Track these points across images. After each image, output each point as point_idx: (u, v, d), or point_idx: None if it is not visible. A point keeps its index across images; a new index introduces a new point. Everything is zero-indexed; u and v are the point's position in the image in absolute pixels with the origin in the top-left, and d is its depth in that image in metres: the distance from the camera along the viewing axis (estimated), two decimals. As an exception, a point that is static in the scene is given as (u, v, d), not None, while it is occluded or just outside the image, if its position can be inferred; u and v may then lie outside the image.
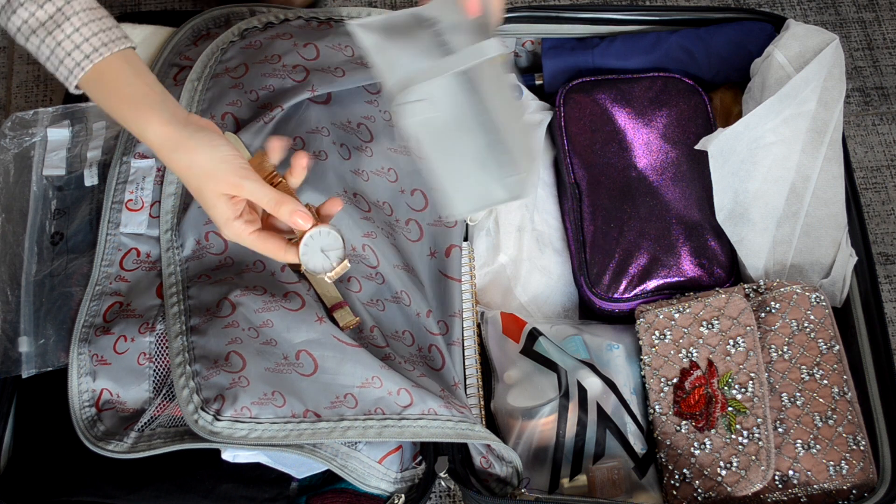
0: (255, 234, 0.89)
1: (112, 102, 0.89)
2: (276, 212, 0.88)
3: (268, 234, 0.90)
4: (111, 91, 0.88)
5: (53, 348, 1.03)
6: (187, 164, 0.87)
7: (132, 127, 0.88)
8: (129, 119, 0.88)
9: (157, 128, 0.87)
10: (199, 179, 0.88)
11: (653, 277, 1.15)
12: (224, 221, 0.88)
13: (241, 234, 0.89)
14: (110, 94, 0.88)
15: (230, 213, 0.88)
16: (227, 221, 0.88)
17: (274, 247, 0.90)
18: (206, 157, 0.87)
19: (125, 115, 0.88)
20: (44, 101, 1.48)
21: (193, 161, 0.87)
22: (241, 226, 0.89)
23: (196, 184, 0.88)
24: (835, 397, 1.05)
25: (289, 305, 1.00)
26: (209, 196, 0.88)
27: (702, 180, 1.18)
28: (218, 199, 0.88)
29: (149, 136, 0.88)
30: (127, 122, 0.89)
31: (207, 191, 0.87)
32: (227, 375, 0.94)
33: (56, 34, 0.86)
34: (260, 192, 0.87)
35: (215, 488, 0.99)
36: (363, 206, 1.10)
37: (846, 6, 1.59)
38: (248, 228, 0.89)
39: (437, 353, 1.07)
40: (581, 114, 1.24)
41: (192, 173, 0.88)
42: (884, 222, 1.43)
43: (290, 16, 1.23)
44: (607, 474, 1.06)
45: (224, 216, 0.88)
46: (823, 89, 1.16)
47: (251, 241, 0.89)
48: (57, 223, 1.11)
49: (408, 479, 1.04)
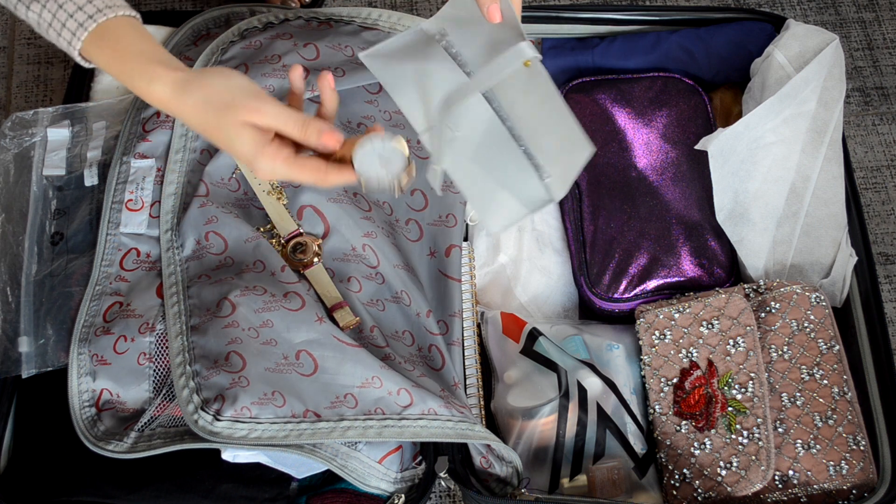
0: (292, 161, 0.82)
1: (117, 59, 0.85)
2: (303, 134, 0.82)
3: (305, 158, 0.83)
4: (116, 48, 0.84)
5: (53, 348, 1.03)
6: (203, 99, 0.82)
7: (138, 81, 0.84)
8: (135, 73, 0.84)
9: (167, 75, 0.83)
10: (218, 113, 0.81)
11: (653, 277, 1.15)
12: (255, 151, 0.81)
13: (276, 161, 0.82)
14: (115, 52, 0.85)
15: (262, 140, 0.81)
16: (259, 150, 0.81)
17: (315, 170, 0.83)
18: (221, 87, 0.82)
19: (132, 70, 0.84)
20: (44, 101, 1.48)
21: (208, 95, 0.82)
22: (275, 151, 0.82)
23: (215, 121, 0.82)
24: (835, 397, 1.05)
25: (289, 305, 1.00)
26: (231, 127, 0.81)
27: (702, 180, 1.18)
28: (242, 129, 0.81)
29: (156, 87, 0.83)
30: (133, 77, 0.84)
31: (229, 122, 0.81)
32: (227, 375, 0.94)
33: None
34: (284, 113, 0.81)
35: (215, 488, 0.99)
36: (363, 205, 1.10)
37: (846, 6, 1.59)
38: (281, 153, 0.82)
39: (437, 352, 1.07)
40: (581, 114, 1.24)
41: (209, 109, 0.82)
42: (884, 222, 1.43)
43: (290, 16, 1.23)
44: (607, 474, 1.06)
45: (253, 144, 0.81)
46: (823, 89, 1.16)
47: (287, 168, 0.82)
48: (57, 223, 1.11)
49: (408, 479, 1.04)
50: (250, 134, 0.81)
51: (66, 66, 1.51)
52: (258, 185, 1.10)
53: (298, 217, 1.08)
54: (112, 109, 1.17)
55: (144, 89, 0.84)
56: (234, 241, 1.05)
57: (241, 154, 0.83)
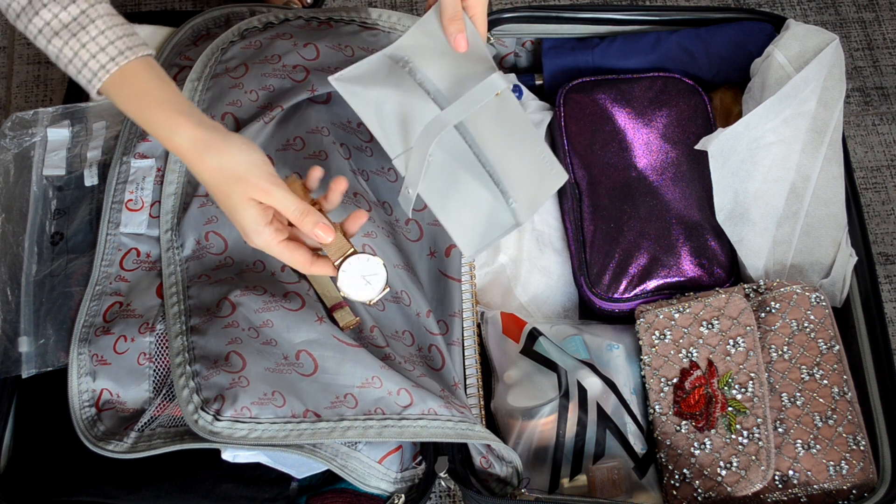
0: (284, 244, 0.89)
1: (137, 106, 0.88)
2: (300, 222, 0.88)
3: (295, 244, 0.90)
4: (137, 94, 0.87)
5: (53, 348, 1.03)
6: (217, 165, 0.86)
7: (160, 130, 0.87)
8: (157, 122, 0.87)
9: (188, 130, 0.86)
10: (229, 183, 0.87)
11: (653, 277, 1.15)
12: (254, 227, 0.88)
13: (271, 242, 0.89)
14: (136, 98, 0.87)
15: (261, 219, 0.88)
16: (258, 227, 0.88)
17: (302, 258, 0.90)
18: (238, 160, 0.86)
19: (154, 118, 0.87)
20: (44, 101, 1.48)
21: (224, 163, 0.86)
22: (272, 233, 0.88)
23: (225, 188, 0.87)
24: (835, 397, 1.05)
25: (289, 305, 1.00)
26: (238, 200, 0.87)
27: (702, 180, 1.18)
28: (248, 204, 0.87)
29: (178, 139, 0.87)
30: (155, 125, 0.87)
31: (237, 195, 0.87)
32: (227, 375, 0.94)
33: (80, 36, 0.86)
34: (288, 200, 0.87)
35: (215, 488, 0.99)
36: (364, 205, 1.10)
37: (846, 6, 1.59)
38: (277, 237, 0.89)
39: (436, 352, 1.07)
40: (581, 114, 1.24)
41: (221, 176, 0.87)
42: (884, 222, 1.43)
43: (290, 16, 1.23)
44: (607, 474, 1.06)
45: (254, 222, 0.88)
46: (823, 89, 1.16)
47: (280, 250, 0.89)
48: (57, 223, 1.11)
49: (408, 479, 1.04)
50: (254, 210, 0.87)
51: (66, 66, 1.51)
52: None
53: (298, 217, 1.08)
54: (112, 109, 1.17)
55: (166, 138, 0.88)
56: (234, 241, 1.05)
57: (241, 226, 0.89)
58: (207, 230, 1.06)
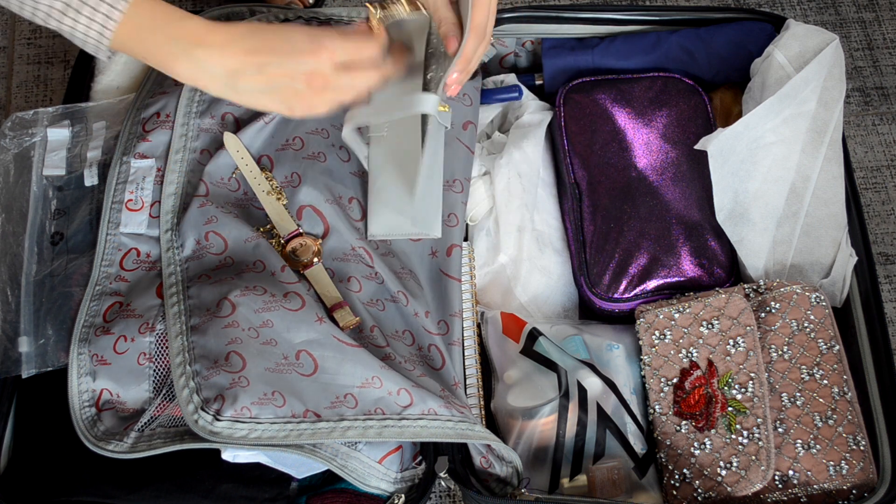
0: (344, 34, 0.92)
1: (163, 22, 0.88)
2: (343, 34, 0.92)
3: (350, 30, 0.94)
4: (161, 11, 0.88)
5: (53, 348, 1.03)
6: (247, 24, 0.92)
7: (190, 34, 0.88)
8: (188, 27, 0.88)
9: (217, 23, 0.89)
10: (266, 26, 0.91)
11: (653, 277, 1.15)
12: (316, 35, 0.90)
13: (335, 38, 0.90)
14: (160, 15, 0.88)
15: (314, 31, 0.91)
16: (317, 35, 0.90)
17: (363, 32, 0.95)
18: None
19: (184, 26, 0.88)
20: (44, 101, 1.48)
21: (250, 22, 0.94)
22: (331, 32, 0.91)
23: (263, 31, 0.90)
24: (835, 397, 1.05)
25: (289, 305, 1.00)
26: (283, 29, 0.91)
27: (702, 180, 1.18)
28: (296, 28, 0.91)
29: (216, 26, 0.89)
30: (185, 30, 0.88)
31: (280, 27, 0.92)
32: (227, 375, 0.94)
33: None
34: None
35: (215, 488, 0.99)
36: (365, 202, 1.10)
37: (846, 6, 1.59)
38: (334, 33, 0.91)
39: (436, 352, 1.07)
40: (581, 114, 1.24)
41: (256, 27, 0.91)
42: (884, 222, 1.43)
43: (289, 16, 1.23)
44: (607, 474, 1.06)
45: (311, 32, 0.90)
46: (823, 89, 1.16)
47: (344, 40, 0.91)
48: (57, 223, 1.11)
49: (408, 479, 1.04)
50: (304, 27, 0.90)
51: (66, 66, 1.51)
52: (258, 186, 1.10)
53: (298, 217, 1.08)
54: (112, 109, 1.17)
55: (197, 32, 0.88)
56: (233, 240, 1.05)
57: (301, 39, 0.89)
58: (207, 230, 1.06)
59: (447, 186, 1.16)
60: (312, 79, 0.89)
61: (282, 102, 0.91)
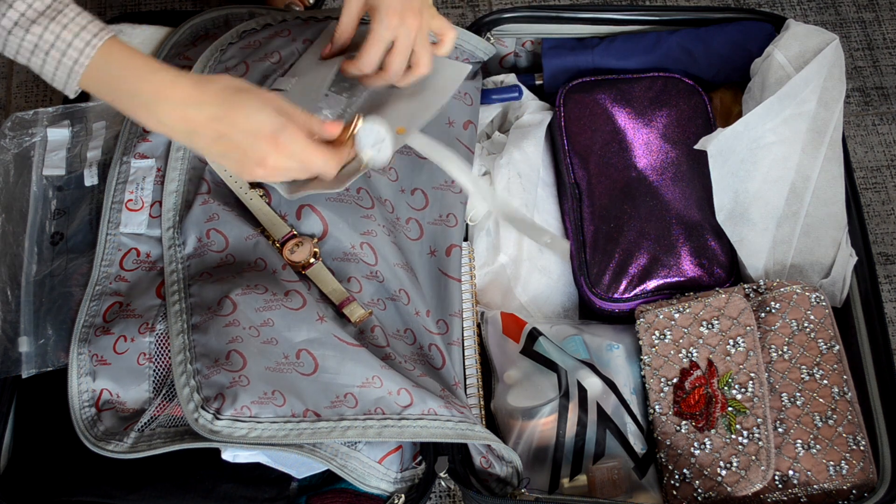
0: (310, 139, 0.91)
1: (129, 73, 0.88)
2: (308, 122, 0.92)
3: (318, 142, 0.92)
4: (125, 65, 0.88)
5: (53, 348, 1.03)
6: (225, 85, 0.89)
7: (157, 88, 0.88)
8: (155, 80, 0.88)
9: (184, 74, 0.89)
10: (241, 92, 0.89)
11: (653, 277, 1.15)
12: (280, 123, 0.89)
13: (297, 136, 0.90)
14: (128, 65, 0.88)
15: (282, 115, 0.89)
16: (283, 123, 0.89)
17: (325, 148, 0.92)
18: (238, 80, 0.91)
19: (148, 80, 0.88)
20: (44, 101, 1.48)
21: (230, 82, 0.89)
22: (295, 127, 0.90)
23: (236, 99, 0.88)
24: (835, 397, 1.05)
25: (290, 304, 1.00)
26: (255, 103, 0.89)
27: (702, 180, 1.18)
28: (265, 105, 0.89)
29: (180, 81, 0.88)
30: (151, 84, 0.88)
31: (252, 99, 0.88)
32: (228, 374, 0.94)
33: (59, 19, 0.85)
34: (293, 105, 0.91)
35: (215, 488, 0.99)
36: (365, 202, 1.10)
37: (846, 6, 1.59)
38: (301, 131, 0.90)
39: (436, 352, 1.07)
40: (581, 114, 1.24)
41: (231, 90, 0.89)
42: (884, 222, 1.43)
43: (288, 17, 1.23)
44: (607, 474, 1.06)
45: (277, 117, 0.89)
46: (823, 89, 1.16)
47: (305, 145, 0.91)
48: (57, 223, 1.11)
49: (408, 479, 1.04)
50: (274, 109, 0.89)
51: (66, 67, 1.50)
52: (234, 183, 1.09)
53: (297, 217, 1.08)
54: (112, 109, 1.17)
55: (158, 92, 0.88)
56: (234, 238, 1.05)
57: (264, 126, 0.89)
58: (208, 227, 1.06)
59: (447, 186, 1.16)
60: (264, 162, 0.91)
61: (234, 167, 0.93)
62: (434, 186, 1.15)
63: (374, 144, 0.96)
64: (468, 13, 1.61)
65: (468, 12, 1.61)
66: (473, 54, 1.25)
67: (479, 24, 1.27)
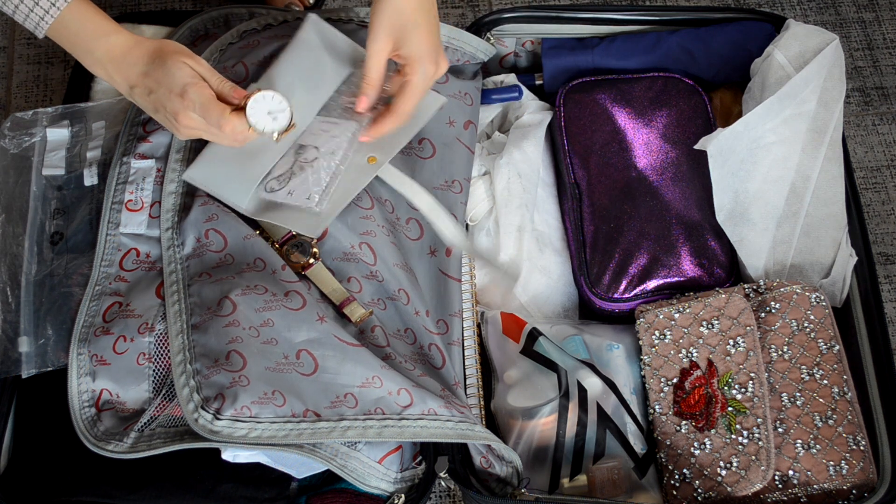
0: (213, 97, 0.98)
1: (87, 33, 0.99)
2: (219, 84, 1.00)
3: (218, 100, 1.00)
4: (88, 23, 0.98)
5: (53, 348, 1.03)
6: (155, 47, 0.99)
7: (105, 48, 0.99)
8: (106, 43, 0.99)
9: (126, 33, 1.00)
10: (165, 56, 0.98)
11: (653, 277, 1.15)
12: (191, 80, 0.98)
13: (203, 93, 0.97)
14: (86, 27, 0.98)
15: (196, 75, 0.98)
16: (194, 80, 0.98)
17: (222, 109, 0.98)
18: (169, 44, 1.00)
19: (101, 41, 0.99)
20: (44, 101, 1.48)
21: (160, 45, 1.00)
22: (203, 85, 0.98)
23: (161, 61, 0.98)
24: (835, 397, 1.05)
25: (290, 304, 1.00)
26: (174, 63, 0.98)
27: (702, 180, 1.18)
28: (183, 65, 0.98)
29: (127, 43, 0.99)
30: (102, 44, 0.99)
31: (174, 60, 0.98)
32: (228, 374, 0.94)
33: None
34: (210, 68, 1.00)
35: (215, 488, 0.99)
36: (365, 202, 1.10)
37: (846, 6, 1.59)
38: (207, 89, 0.98)
39: (436, 351, 1.07)
40: (581, 114, 1.24)
41: (157, 54, 0.99)
42: (884, 222, 1.43)
43: (288, 17, 1.23)
44: (607, 474, 1.06)
45: (191, 75, 0.98)
46: (823, 89, 1.16)
47: (206, 102, 0.98)
48: (57, 223, 1.11)
49: (408, 479, 1.04)
50: (189, 68, 0.99)
51: (66, 66, 1.51)
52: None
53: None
54: (112, 109, 1.17)
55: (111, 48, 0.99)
56: (233, 238, 1.05)
57: (177, 82, 0.98)
58: (207, 227, 1.05)
59: (446, 186, 1.16)
60: (177, 117, 0.99)
61: (164, 123, 1.03)
62: (434, 186, 1.15)
63: (271, 112, 1.01)
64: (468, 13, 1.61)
65: (468, 12, 1.61)
66: (474, 55, 1.25)
67: (479, 24, 1.27)
